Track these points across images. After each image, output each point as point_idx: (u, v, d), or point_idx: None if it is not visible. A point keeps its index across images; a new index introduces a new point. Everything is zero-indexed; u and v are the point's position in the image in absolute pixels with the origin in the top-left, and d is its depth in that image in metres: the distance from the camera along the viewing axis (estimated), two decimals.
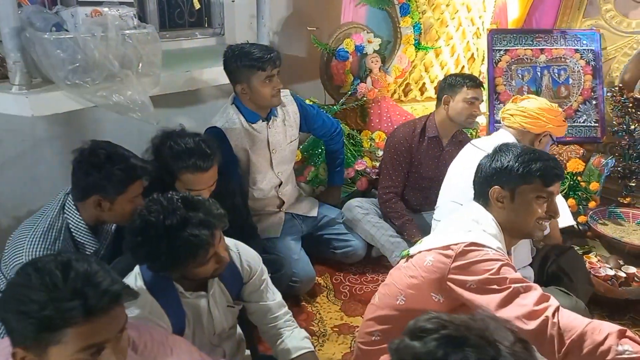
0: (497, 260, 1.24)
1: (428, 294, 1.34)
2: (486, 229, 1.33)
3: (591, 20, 3.14)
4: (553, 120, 2.02)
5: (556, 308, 1.17)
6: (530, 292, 1.20)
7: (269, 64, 2.00)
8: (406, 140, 2.45)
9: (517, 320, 1.18)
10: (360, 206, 2.51)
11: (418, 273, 1.37)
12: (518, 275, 1.22)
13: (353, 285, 2.35)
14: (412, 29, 3.09)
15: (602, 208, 2.85)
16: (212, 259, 1.24)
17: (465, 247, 1.28)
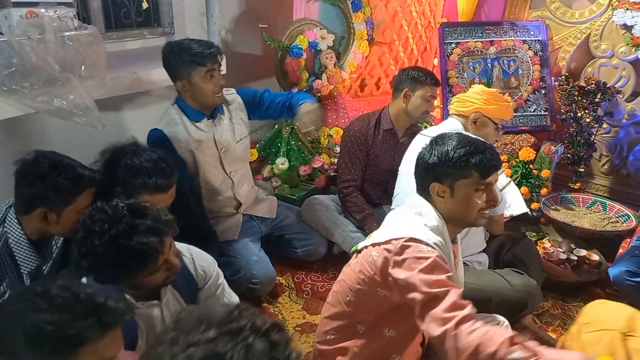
0: (428, 258, 1.25)
1: (375, 289, 1.35)
2: (427, 222, 1.34)
3: (537, 12, 3.23)
4: (481, 100, 2.00)
5: (463, 318, 1.16)
6: (446, 298, 1.20)
7: (209, 58, 1.95)
8: (362, 133, 2.45)
9: (430, 323, 1.20)
10: (319, 203, 2.50)
11: (365, 268, 1.37)
12: (442, 277, 1.23)
13: (315, 283, 2.34)
14: (364, 24, 3.10)
15: (554, 194, 2.96)
16: (162, 267, 1.20)
17: (405, 242, 1.29)
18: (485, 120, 2.02)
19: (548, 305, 2.26)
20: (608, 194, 3.13)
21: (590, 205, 2.91)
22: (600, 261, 2.47)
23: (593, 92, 2.84)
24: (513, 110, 2.11)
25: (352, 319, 1.42)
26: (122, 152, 1.60)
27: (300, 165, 2.84)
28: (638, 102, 2.98)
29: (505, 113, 2.05)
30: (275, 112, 2.35)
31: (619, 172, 3.13)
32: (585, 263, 2.47)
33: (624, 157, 3.09)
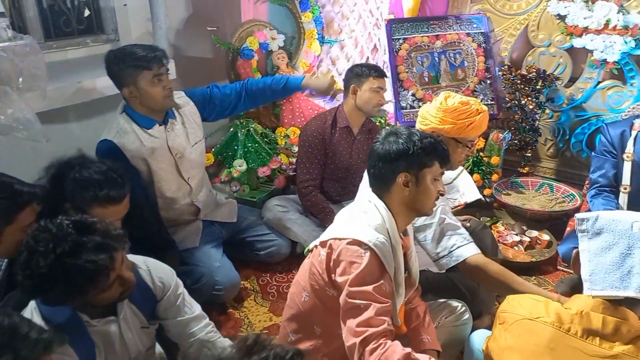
0: (361, 264, 1.27)
1: (324, 289, 1.37)
2: (371, 221, 1.36)
3: (478, 5, 3.35)
4: (436, 119, 1.72)
5: (370, 335, 1.21)
6: (365, 312, 1.24)
7: (154, 62, 1.91)
8: (319, 132, 2.47)
9: (345, 331, 1.25)
10: (280, 204, 2.50)
11: (315, 267, 1.39)
12: (369, 289, 1.25)
13: (280, 285, 2.34)
14: (314, 24, 3.11)
15: (505, 179, 3.08)
16: (115, 283, 1.17)
17: (345, 243, 1.31)
18: (446, 139, 1.68)
19: None
20: (554, 176, 3.29)
21: (539, 188, 3.05)
22: (551, 240, 2.60)
23: (534, 80, 2.98)
24: (484, 123, 1.74)
25: (309, 320, 1.43)
26: (68, 166, 1.53)
27: (258, 167, 2.83)
28: (575, 87, 3.15)
29: (470, 131, 1.71)
30: (231, 104, 2.29)
31: (563, 154, 3.30)
32: (537, 243, 2.60)
33: (567, 140, 3.25)
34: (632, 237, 1.10)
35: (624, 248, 1.10)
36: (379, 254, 1.31)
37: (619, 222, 1.12)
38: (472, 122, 1.69)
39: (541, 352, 1.11)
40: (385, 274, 1.33)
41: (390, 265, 1.35)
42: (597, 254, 1.13)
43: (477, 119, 1.70)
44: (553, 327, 1.10)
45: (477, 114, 1.71)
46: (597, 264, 1.12)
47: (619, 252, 1.10)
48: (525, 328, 1.15)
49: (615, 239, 1.11)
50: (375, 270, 1.30)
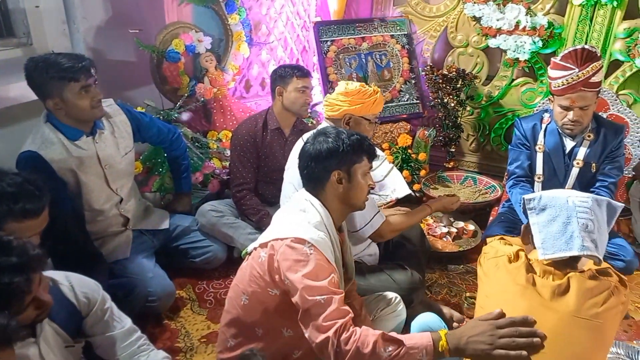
0: (308, 261, 1.30)
1: (266, 290, 1.38)
2: (311, 219, 1.40)
3: (400, 7, 3.49)
4: (346, 102, 1.94)
5: (341, 326, 1.23)
6: (329, 305, 1.25)
7: (82, 73, 1.82)
8: (250, 135, 2.47)
9: (311, 330, 1.27)
10: (214, 209, 2.46)
11: (255, 270, 1.39)
12: (324, 283, 1.28)
13: (218, 291, 2.31)
14: (241, 26, 3.09)
15: (432, 174, 3.23)
16: (30, 306, 1.09)
17: (288, 242, 1.33)
18: (357, 119, 1.97)
19: (435, 277, 2.47)
20: (477, 169, 3.50)
21: (463, 181, 3.23)
22: (476, 230, 2.76)
23: (455, 79, 3.15)
24: (382, 101, 2.04)
25: (250, 323, 1.43)
26: None
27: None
28: (492, 85, 3.36)
29: (374, 108, 1.99)
30: (152, 142, 2.43)
31: (484, 148, 3.52)
32: (464, 233, 2.75)
33: (487, 135, 3.47)
34: (569, 209, 1.31)
35: (565, 218, 1.30)
36: (322, 250, 1.34)
37: (557, 198, 1.34)
38: (375, 99, 1.99)
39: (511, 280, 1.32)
40: (332, 267, 1.36)
41: (331, 260, 1.38)
42: (545, 225, 1.33)
43: (377, 96, 2.00)
44: (524, 265, 1.33)
45: (375, 93, 2.00)
46: (547, 233, 1.32)
47: (561, 221, 1.30)
48: (504, 263, 1.36)
49: (557, 211, 1.32)
50: (324, 264, 1.33)
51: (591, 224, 1.30)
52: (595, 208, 1.32)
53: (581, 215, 1.30)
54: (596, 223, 1.31)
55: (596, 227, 1.31)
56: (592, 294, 1.26)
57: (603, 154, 2.17)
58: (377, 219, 1.89)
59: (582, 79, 1.98)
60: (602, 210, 1.34)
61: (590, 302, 1.25)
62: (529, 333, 1.20)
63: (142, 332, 1.44)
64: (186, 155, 2.50)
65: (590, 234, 1.29)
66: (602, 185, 2.18)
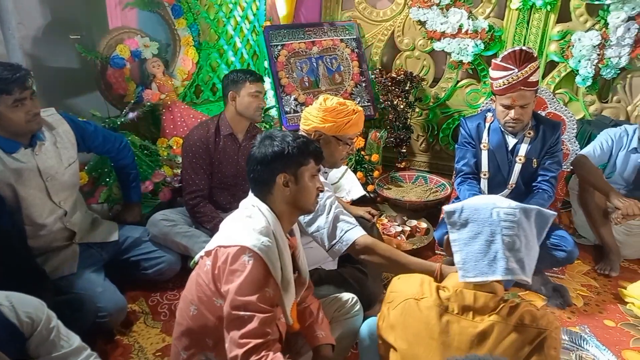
0: (244, 271, 1.28)
1: (212, 300, 1.36)
2: (256, 225, 1.38)
3: (349, 12, 3.54)
4: (317, 119, 1.82)
5: (254, 347, 1.22)
6: (250, 323, 1.24)
7: (15, 85, 1.73)
8: (202, 142, 2.42)
9: (228, 342, 1.27)
10: (166, 218, 2.40)
11: (202, 279, 1.37)
12: (252, 298, 1.26)
13: (172, 303, 2.25)
14: (189, 30, 3.04)
15: (385, 175, 3.30)
16: None
17: (231, 250, 1.31)
18: (327, 138, 1.83)
19: (391, 276, 2.51)
20: (427, 168, 3.61)
21: (415, 180, 3.32)
22: (428, 227, 2.84)
23: (403, 82, 3.23)
24: (360, 122, 1.86)
25: (200, 334, 1.40)
26: None
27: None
28: (439, 87, 3.47)
29: (348, 129, 1.82)
30: (98, 151, 2.35)
31: (434, 148, 3.63)
32: (417, 231, 2.82)
33: (435, 135, 3.58)
34: (493, 224, 1.19)
35: (488, 235, 1.19)
36: (265, 258, 1.32)
37: (481, 211, 1.21)
38: (350, 120, 1.83)
39: (423, 329, 1.21)
40: (270, 280, 1.33)
41: (276, 268, 1.36)
42: (466, 243, 1.21)
43: (353, 117, 1.84)
44: (435, 305, 1.21)
45: (354, 113, 1.85)
46: (467, 252, 1.20)
47: (484, 239, 1.19)
48: (412, 308, 1.24)
49: (479, 227, 1.20)
50: (260, 277, 1.30)
51: (518, 242, 1.19)
52: (523, 221, 1.21)
53: (506, 232, 1.18)
54: (523, 239, 1.20)
55: (523, 243, 1.20)
56: (516, 349, 1.14)
57: (543, 150, 2.29)
58: (353, 233, 1.73)
59: (521, 78, 2.09)
60: (530, 222, 1.24)
61: (513, 358, 1.13)
62: None
63: (92, 349, 1.38)
64: (134, 164, 2.43)
65: (516, 253, 1.18)
66: (544, 180, 2.30)
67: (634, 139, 2.54)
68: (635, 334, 2.15)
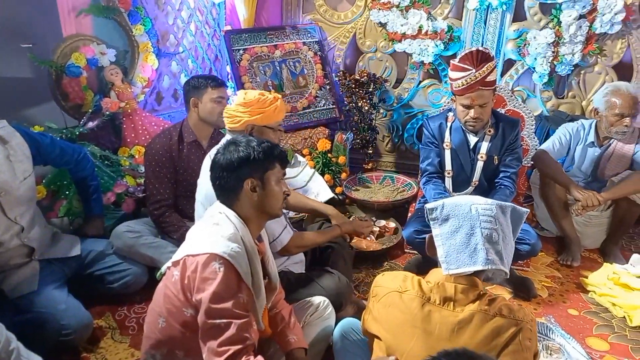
0: (215, 279, 1.27)
1: (181, 310, 1.34)
2: (224, 232, 1.37)
3: (310, 15, 3.55)
4: (246, 113, 1.87)
5: (234, 353, 1.22)
6: (227, 330, 1.25)
7: None
8: (165, 150, 2.37)
9: (207, 352, 1.27)
10: (130, 230, 2.33)
11: (169, 290, 1.35)
12: (228, 305, 1.25)
13: (140, 316, 2.19)
14: (147, 36, 2.97)
15: (353, 177, 3.31)
16: None
17: (201, 259, 1.30)
18: (260, 128, 1.91)
19: (362, 276, 2.53)
20: (394, 168, 3.65)
21: (382, 181, 3.35)
22: (397, 227, 2.87)
23: (366, 83, 3.26)
24: (284, 107, 1.97)
25: (169, 346, 1.38)
26: None
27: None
28: (402, 87, 3.52)
29: (276, 115, 1.93)
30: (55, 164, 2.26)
31: (399, 148, 3.67)
32: (386, 231, 2.84)
33: (400, 135, 3.63)
34: (472, 219, 1.26)
35: (468, 229, 1.26)
36: (235, 264, 1.31)
37: (460, 207, 1.29)
38: (276, 106, 1.92)
39: (406, 319, 1.26)
40: (242, 285, 1.33)
41: (247, 273, 1.36)
42: (447, 237, 1.28)
43: (278, 104, 1.93)
44: (417, 297, 1.27)
45: (276, 100, 1.94)
46: (449, 246, 1.27)
47: (464, 232, 1.26)
48: (395, 300, 1.29)
49: (460, 222, 1.27)
50: (232, 284, 1.30)
51: (495, 234, 1.26)
52: (500, 216, 1.29)
53: (485, 225, 1.26)
54: (500, 232, 1.27)
55: (501, 236, 1.27)
56: (493, 336, 1.19)
57: (503, 147, 2.35)
58: (285, 235, 1.90)
59: (479, 78, 2.13)
60: (506, 217, 1.31)
61: (489, 346, 1.19)
62: None
63: None
64: (95, 175, 2.36)
65: (494, 245, 1.25)
66: (505, 176, 2.36)
67: (591, 133, 2.64)
68: (597, 321, 2.23)
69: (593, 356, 1.99)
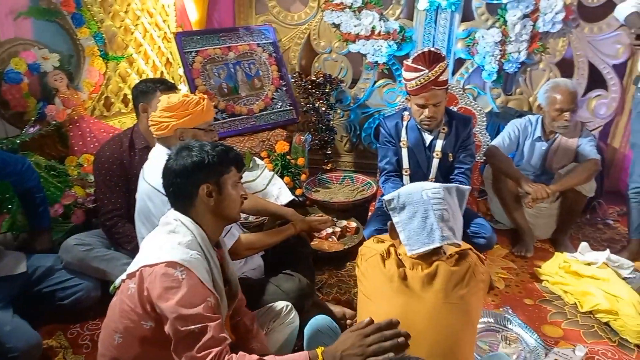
0: (180, 287, 1.24)
1: (139, 324, 1.29)
2: (182, 239, 1.34)
3: (263, 16, 3.51)
4: (173, 117, 1.79)
5: (216, 355, 1.20)
6: (204, 335, 1.22)
7: None
8: (115, 157, 2.27)
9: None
10: (81, 243, 2.22)
11: (126, 304, 1.30)
12: (199, 310, 1.23)
13: (94, 333, 2.09)
14: (93, 40, 2.85)
15: (312, 178, 3.30)
16: None
17: (160, 268, 1.26)
18: (191, 131, 1.83)
19: (325, 277, 2.52)
20: (353, 168, 3.67)
21: (342, 181, 3.36)
22: (358, 226, 2.88)
23: (323, 84, 3.26)
24: (211, 106, 1.89)
25: None
26: None
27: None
28: (358, 87, 3.54)
29: (204, 115, 1.85)
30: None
31: (357, 147, 3.70)
32: (347, 231, 2.85)
33: (358, 135, 3.65)
34: (425, 203, 1.42)
35: (423, 212, 1.42)
36: (196, 271, 1.28)
37: (414, 194, 1.44)
38: (203, 107, 1.84)
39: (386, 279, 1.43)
40: (207, 290, 1.30)
41: (207, 280, 1.32)
42: (406, 223, 1.44)
43: (204, 103, 1.85)
44: (394, 262, 1.45)
45: (202, 100, 1.86)
46: (409, 230, 1.43)
47: (420, 216, 1.42)
48: (378, 262, 1.47)
49: (415, 207, 1.43)
50: (198, 288, 1.27)
51: (446, 213, 1.43)
52: (447, 196, 1.45)
53: (436, 207, 1.42)
54: (450, 211, 1.44)
55: (451, 214, 1.44)
56: (457, 279, 1.41)
57: (457, 144, 2.40)
58: (227, 240, 1.80)
59: (432, 78, 2.17)
60: (452, 196, 1.48)
61: (456, 287, 1.39)
62: (393, 335, 1.19)
63: None
64: (40, 187, 2.23)
65: (447, 223, 1.42)
66: (459, 172, 2.41)
67: (538, 128, 2.74)
68: (551, 309, 2.32)
69: (548, 343, 2.07)
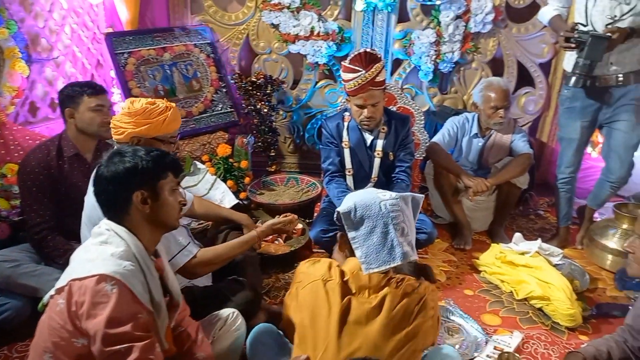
0: (108, 302, 1.18)
1: (70, 342, 1.22)
2: (115, 250, 1.27)
3: (199, 16, 3.42)
4: (130, 124, 1.73)
5: None
6: (129, 356, 1.17)
7: None
8: (42, 167, 2.14)
9: None
10: (6, 259, 2.07)
11: (55, 321, 1.22)
12: (127, 329, 1.18)
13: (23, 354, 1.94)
14: (13, 41, 2.66)
15: (257, 180, 3.26)
16: None
17: (89, 282, 1.19)
18: (148, 141, 1.75)
19: (272, 281, 2.50)
20: (298, 169, 3.67)
21: (287, 182, 3.34)
22: (304, 228, 2.87)
23: (264, 85, 3.23)
24: (177, 117, 1.81)
25: None
26: None
27: None
28: (299, 88, 3.53)
29: (166, 127, 1.77)
30: None
31: (301, 148, 3.69)
32: (293, 233, 2.82)
33: (301, 136, 3.65)
34: (384, 216, 1.35)
35: (382, 227, 1.34)
36: (128, 284, 1.22)
37: (371, 207, 1.36)
38: (166, 117, 1.76)
39: (328, 307, 1.35)
40: (139, 305, 1.24)
41: (143, 293, 1.27)
42: (365, 238, 1.35)
43: (169, 114, 1.77)
44: (338, 285, 1.36)
45: (167, 109, 1.78)
46: (368, 246, 1.35)
47: (380, 231, 1.34)
48: (319, 288, 1.38)
49: (374, 222, 1.34)
50: (128, 305, 1.21)
51: (405, 227, 1.36)
52: (404, 207, 1.39)
53: (395, 221, 1.35)
54: (408, 223, 1.39)
55: (408, 227, 1.38)
56: (405, 313, 1.34)
57: (397, 143, 2.46)
58: (180, 258, 1.71)
59: (369, 79, 2.20)
60: (408, 206, 1.43)
61: (402, 322, 1.33)
62: None
63: None
64: None
65: (406, 238, 1.36)
66: (400, 170, 2.47)
67: (474, 125, 2.86)
68: (489, 298, 2.42)
69: (488, 331, 2.16)
